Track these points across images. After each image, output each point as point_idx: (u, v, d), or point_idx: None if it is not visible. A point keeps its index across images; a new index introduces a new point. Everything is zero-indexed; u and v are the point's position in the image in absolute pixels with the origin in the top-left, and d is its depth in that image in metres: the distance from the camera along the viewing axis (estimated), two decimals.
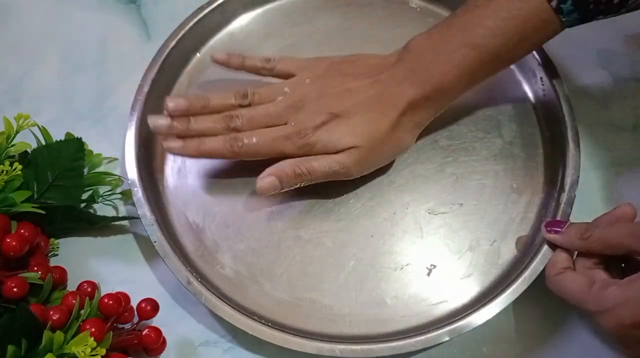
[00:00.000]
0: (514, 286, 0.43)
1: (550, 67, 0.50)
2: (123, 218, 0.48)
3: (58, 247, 0.47)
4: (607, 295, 0.37)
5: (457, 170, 0.49)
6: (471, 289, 0.45)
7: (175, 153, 0.46)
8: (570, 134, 0.48)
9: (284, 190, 0.44)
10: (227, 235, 0.47)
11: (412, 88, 0.44)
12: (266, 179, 0.43)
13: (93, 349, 0.36)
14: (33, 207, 0.43)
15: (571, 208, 0.45)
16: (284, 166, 0.44)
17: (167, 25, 0.54)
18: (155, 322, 0.44)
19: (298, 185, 0.45)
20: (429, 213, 0.48)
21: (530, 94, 0.53)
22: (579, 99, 0.53)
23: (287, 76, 0.48)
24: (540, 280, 0.43)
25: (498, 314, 0.42)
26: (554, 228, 0.43)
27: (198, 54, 0.55)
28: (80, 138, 0.47)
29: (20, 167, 0.43)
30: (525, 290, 0.42)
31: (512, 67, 0.54)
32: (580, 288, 0.39)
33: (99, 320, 0.39)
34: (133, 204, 0.46)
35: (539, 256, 0.43)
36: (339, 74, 0.46)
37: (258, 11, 0.57)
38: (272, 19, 0.57)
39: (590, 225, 0.41)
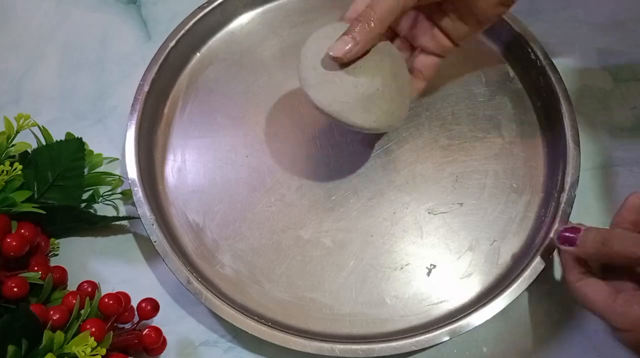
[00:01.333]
0: (513, 286, 0.43)
1: (550, 67, 0.50)
2: (123, 218, 0.48)
3: (58, 247, 0.47)
4: (632, 313, 0.35)
5: (457, 170, 0.49)
6: (471, 289, 0.45)
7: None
8: (570, 134, 0.48)
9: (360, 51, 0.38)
10: (227, 234, 0.47)
11: None
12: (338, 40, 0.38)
13: (93, 349, 0.36)
14: (33, 207, 0.43)
15: (571, 208, 0.45)
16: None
17: (167, 25, 0.54)
18: (155, 321, 0.44)
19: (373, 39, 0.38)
20: (428, 213, 0.48)
21: (530, 94, 0.53)
22: (579, 98, 0.53)
23: None
24: (541, 280, 0.43)
25: (498, 314, 0.42)
26: (569, 237, 0.39)
27: (198, 54, 0.55)
28: (81, 138, 0.48)
29: (20, 167, 0.43)
30: (525, 290, 0.43)
31: (513, 66, 0.54)
32: (604, 300, 0.36)
33: (99, 320, 0.39)
34: (133, 204, 0.46)
35: (539, 256, 0.43)
36: None
37: (258, 11, 0.57)
38: (272, 19, 0.57)
39: (608, 233, 0.38)
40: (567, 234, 0.39)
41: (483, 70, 0.54)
